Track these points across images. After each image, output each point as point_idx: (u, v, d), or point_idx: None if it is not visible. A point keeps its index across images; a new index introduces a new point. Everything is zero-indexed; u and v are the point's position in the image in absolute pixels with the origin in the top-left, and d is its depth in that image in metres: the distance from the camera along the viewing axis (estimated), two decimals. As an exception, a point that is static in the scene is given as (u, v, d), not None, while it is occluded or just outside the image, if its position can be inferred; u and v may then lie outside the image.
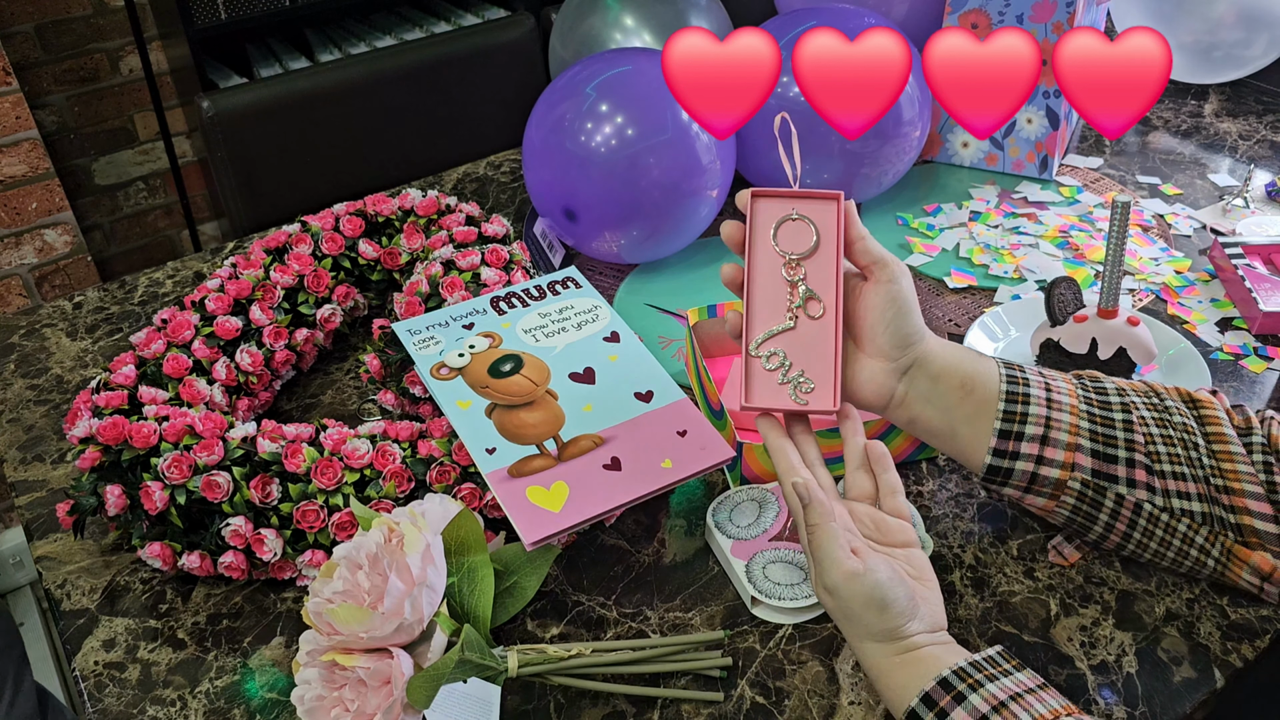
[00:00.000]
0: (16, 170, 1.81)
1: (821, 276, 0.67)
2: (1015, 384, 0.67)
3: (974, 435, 0.68)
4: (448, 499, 0.71)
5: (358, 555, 0.65)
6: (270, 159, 1.46)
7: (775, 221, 0.68)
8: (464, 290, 0.91)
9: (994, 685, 0.58)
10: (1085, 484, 0.67)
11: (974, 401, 0.67)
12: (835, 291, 0.66)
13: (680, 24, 1.31)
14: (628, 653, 0.69)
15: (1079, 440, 0.67)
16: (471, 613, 0.67)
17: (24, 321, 1.11)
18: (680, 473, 0.75)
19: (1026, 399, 0.67)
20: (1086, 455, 0.67)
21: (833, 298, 0.66)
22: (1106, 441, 0.67)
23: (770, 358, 0.66)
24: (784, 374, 0.65)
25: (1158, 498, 0.67)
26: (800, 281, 0.67)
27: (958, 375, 0.67)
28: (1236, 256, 1.07)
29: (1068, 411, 0.67)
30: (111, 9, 2.01)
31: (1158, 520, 0.68)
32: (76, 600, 0.78)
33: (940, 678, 0.59)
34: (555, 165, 1.05)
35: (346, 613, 0.61)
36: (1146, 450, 0.67)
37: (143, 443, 0.77)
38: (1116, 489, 0.67)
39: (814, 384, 0.65)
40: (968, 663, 0.59)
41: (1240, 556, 0.67)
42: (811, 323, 0.66)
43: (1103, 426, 0.67)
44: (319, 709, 0.63)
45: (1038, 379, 0.68)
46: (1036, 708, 0.56)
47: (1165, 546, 0.69)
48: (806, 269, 0.67)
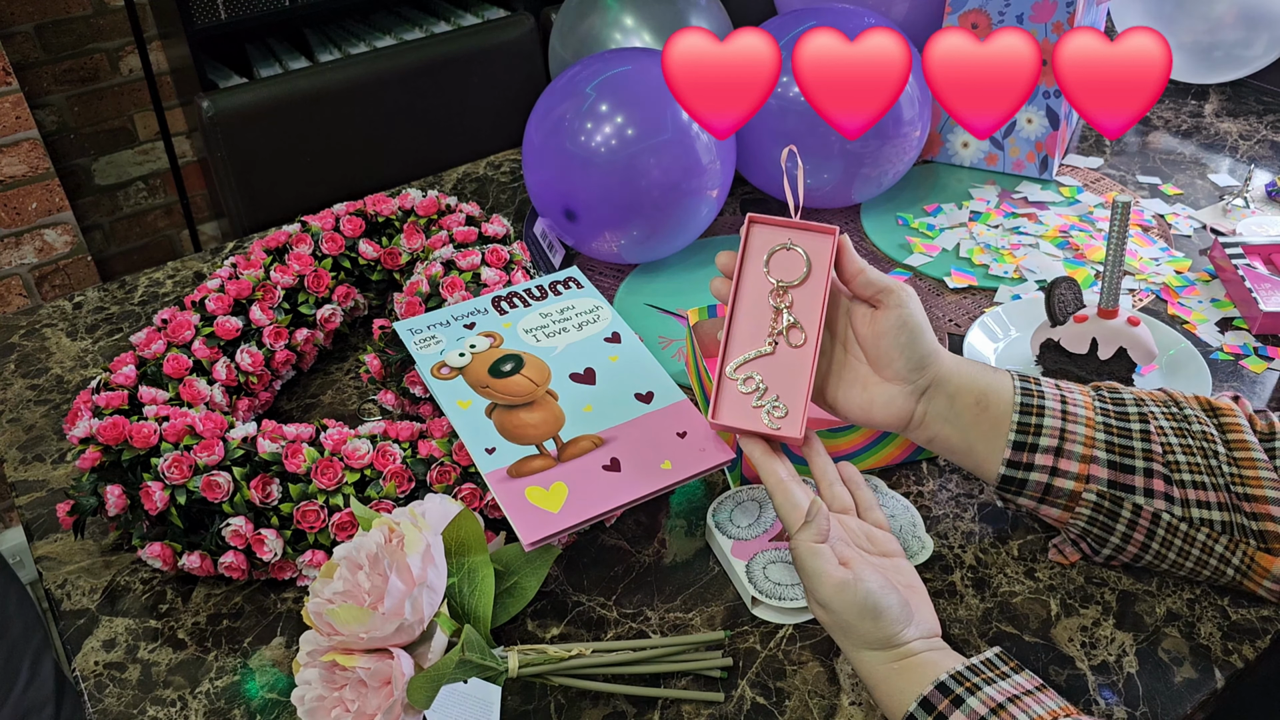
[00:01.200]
0: (16, 170, 1.81)
1: (807, 307, 0.68)
2: (1030, 396, 0.68)
3: (989, 450, 0.68)
4: (448, 499, 0.71)
5: (358, 555, 0.65)
6: (270, 159, 1.46)
7: (769, 249, 0.69)
8: (464, 290, 0.91)
9: (992, 688, 0.58)
10: (1102, 495, 0.67)
11: (989, 417, 0.68)
12: (817, 322, 0.67)
13: (680, 24, 1.31)
14: (628, 653, 0.69)
15: (1094, 452, 0.67)
16: (472, 613, 0.67)
17: (24, 321, 1.11)
18: (680, 474, 0.75)
19: (1041, 411, 0.67)
20: (1103, 466, 0.67)
21: (813, 328, 0.67)
22: (1124, 452, 0.67)
23: (746, 380, 0.67)
24: (758, 397, 0.66)
25: (1176, 507, 0.67)
26: (785, 309, 0.68)
27: (973, 392, 0.68)
28: (1237, 256, 1.07)
29: (1083, 424, 0.67)
30: (111, 9, 2.01)
31: (1176, 530, 0.68)
32: (76, 600, 0.78)
33: (938, 682, 0.59)
34: (555, 165, 1.05)
35: (347, 613, 0.61)
36: (1165, 460, 0.67)
37: (143, 443, 0.77)
38: (1134, 499, 0.67)
39: (786, 410, 0.66)
40: (965, 666, 0.59)
41: (1262, 564, 0.67)
42: (791, 350, 0.67)
43: (1119, 437, 0.67)
44: (319, 709, 0.63)
45: (1053, 391, 0.68)
46: (1034, 709, 0.56)
47: (1184, 556, 0.69)
48: (794, 297, 0.68)
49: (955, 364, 0.69)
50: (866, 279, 0.67)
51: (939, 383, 0.68)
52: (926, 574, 0.77)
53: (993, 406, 0.68)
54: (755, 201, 1.27)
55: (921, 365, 0.67)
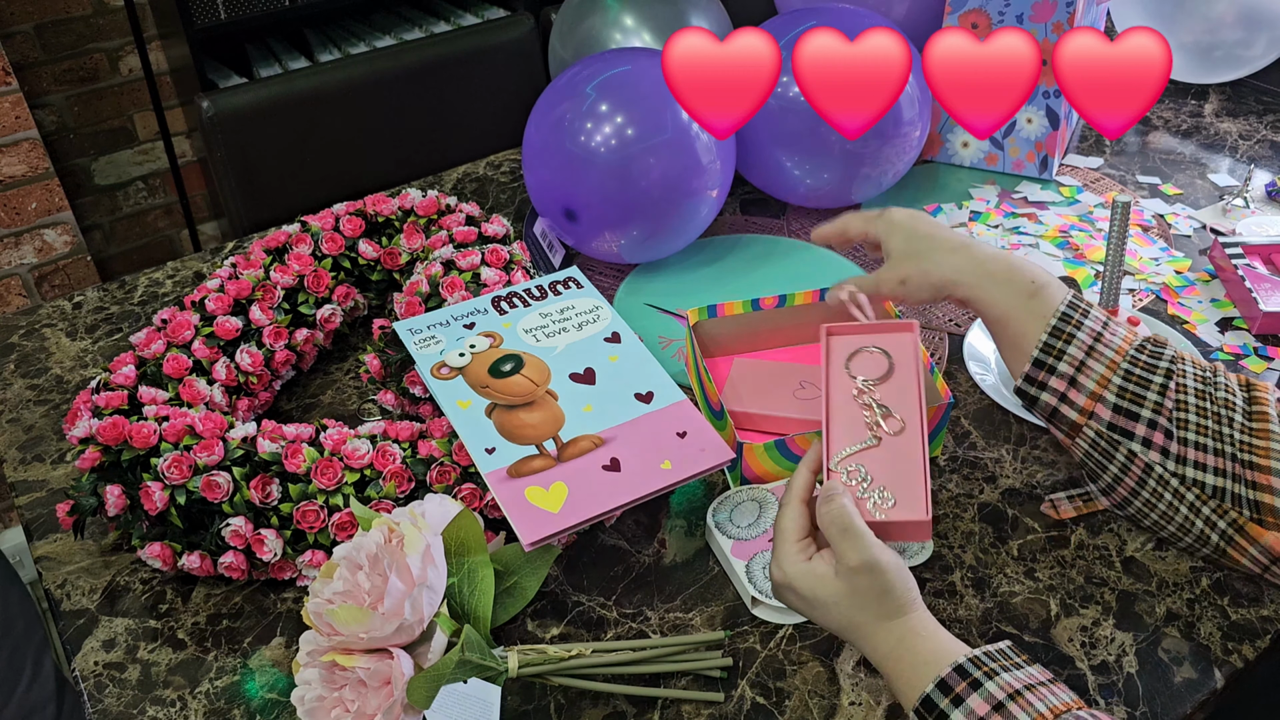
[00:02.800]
0: (16, 170, 1.81)
1: (898, 397, 0.71)
2: (1068, 320, 0.71)
3: (1012, 360, 0.73)
4: (448, 499, 0.71)
5: (358, 556, 0.65)
6: (270, 159, 1.46)
7: (848, 353, 0.74)
8: (464, 290, 0.91)
9: (1009, 675, 0.58)
10: (1099, 434, 0.70)
11: (1009, 333, 0.73)
12: (917, 410, 0.70)
13: (680, 24, 1.31)
14: (628, 653, 0.69)
15: (1104, 393, 0.69)
16: (472, 613, 0.67)
17: (24, 321, 1.11)
18: (680, 474, 0.75)
19: (1070, 338, 0.70)
20: (1107, 408, 0.69)
21: (913, 416, 0.70)
22: (1134, 399, 0.69)
23: (851, 473, 0.68)
24: (864, 488, 0.68)
25: (1170, 462, 0.69)
26: (875, 403, 0.71)
27: (1030, 273, 0.73)
28: (1236, 256, 1.07)
29: (1105, 364, 0.70)
30: (111, 9, 2.01)
31: (1166, 484, 0.69)
32: (76, 600, 0.78)
33: (956, 665, 0.59)
34: (555, 165, 1.05)
35: (346, 613, 0.61)
36: (1173, 415, 0.68)
37: (143, 443, 0.77)
38: (1130, 445, 0.69)
39: (895, 499, 0.67)
40: (982, 652, 0.60)
41: (1251, 534, 0.67)
42: (892, 439, 0.69)
43: (1135, 385, 0.69)
44: (319, 709, 0.63)
45: (1094, 322, 0.71)
46: (1049, 699, 0.57)
47: (1172, 512, 0.70)
48: (880, 391, 0.71)
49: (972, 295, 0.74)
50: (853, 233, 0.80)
51: (963, 303, 0.76)
52: (926, 574, 0.77)
53: (1015, 326, 0.73)
54: (755, 201, 1.27)
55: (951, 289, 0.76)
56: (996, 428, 0.91)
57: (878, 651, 0.63)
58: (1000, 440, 0.89)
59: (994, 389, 0.93)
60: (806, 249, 1.18)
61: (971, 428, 0.91)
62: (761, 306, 0.95)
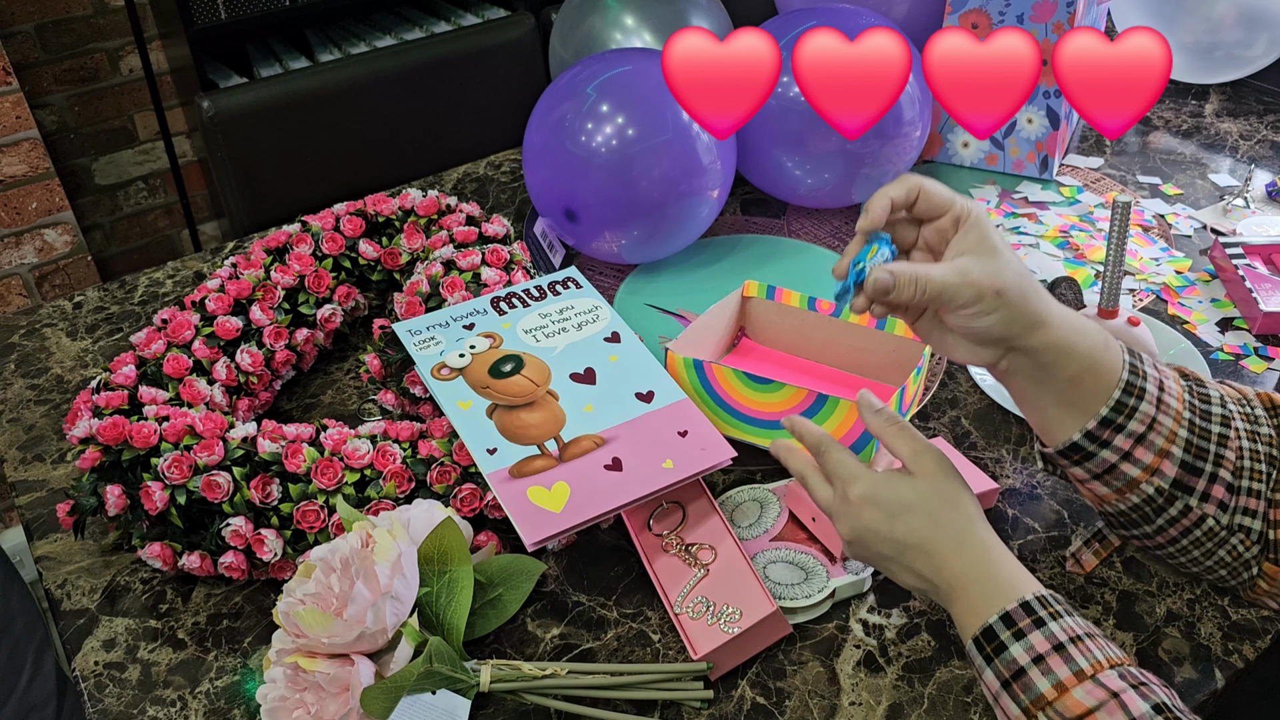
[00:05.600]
0: (16, 170, 1.81)
1: (701, 530, 0.77)
2: (1136, 376, 0.64)
3: (1066, 415, 0.65)
4: (436, 505, 0.71)
5: (333, 558, 0.65)
6: (270, 159, 1.46)
7: (646, 517, 0.78)
8: (464, 290, 0.91)
9: (1072, 619, 0.58)
10: (1160, 490, 0.65)
11: (1084, 390, 0.64)
12: (721, 527, 0.76)
13: (680, 24, 1.31)
14: (605, 677, 0.68)
15: (1172, 448, 0.64)
16: (446, 624, 0.67)
17: (24, 321, 1.11)
18: (681, 473, 0.75)
19: (1141, 393, 0.64)
20: (1174, 464, 0.64)
21: (720, 535, 0.76)
22: (1199, 454, 0.65)
23: (695, 606, 0.72)
24: (710, 615, 0.71)
25: (1225, 515, 0.65)
26: (684, 546, 0.76)
27: (1076, 365, 0.64)
28: (1237, 256, 1.07)
29: (1172, 416, 0.64)
30: (111, 9, 2.01)
31: (1214, 535, 0.66)
32: (76, 600, 0.78)
33: (1023, 600, 0.59)
34: (555, 165, 1.05)
35: (311, 616, 0.61)
36: (1235, 467, 0.65)
37: (143, 443, 0.77)
38: (1189, 500, 0.65)
39: (740, 610, 0.71)
40: (1050, 594, 0.60)
41: (1270, 575, 0.66)
42: (714, 564, 0.74)
43: (1199, 438, 0.65)
44: (281, 709, 0.62)
45: (1154, 374, 0.65)
46: (1107, 650, 0.57)
47: (1207, 555, 0.67)
48: (684, 534, 0.77)
49: (1061, 339, 0.63)
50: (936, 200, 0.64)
51: (1033, 351, 0.64)
52: (927, 574, 0.77)
53: (1088, 382, 0.64)
54: (756, 201, 1.27)
55: (1014, 339, 0.64)
56: (996, 428, 0.91)
57: (949, 569, 0.62)
58: (1000, 440, 0.89)
59: (994, 389, 0.93)
60: (807, 249, 1.18)
61: (971, 428, 0.91)
62: (817, 309, 0.95)
